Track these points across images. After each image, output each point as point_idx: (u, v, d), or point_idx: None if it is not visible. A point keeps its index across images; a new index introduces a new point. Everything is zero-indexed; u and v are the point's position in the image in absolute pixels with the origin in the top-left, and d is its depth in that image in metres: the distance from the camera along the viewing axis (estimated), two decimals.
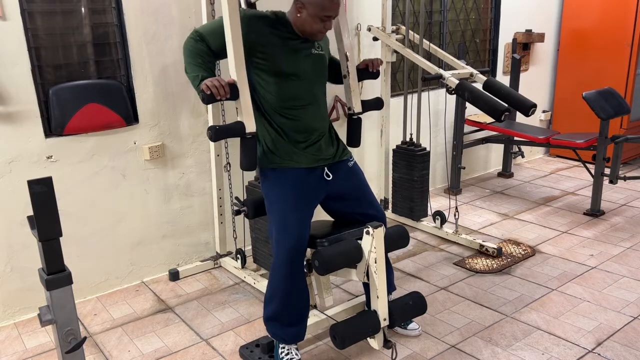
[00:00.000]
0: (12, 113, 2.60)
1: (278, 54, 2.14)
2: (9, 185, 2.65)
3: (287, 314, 2.23)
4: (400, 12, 4.04)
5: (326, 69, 2.35)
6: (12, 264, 2.73)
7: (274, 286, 2.22)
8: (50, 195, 1.41)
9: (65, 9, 2.71)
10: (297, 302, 2.23)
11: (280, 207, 2.18)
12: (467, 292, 2.93)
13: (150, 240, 3.16)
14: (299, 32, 2.19)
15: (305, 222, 2.18)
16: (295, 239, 2.13)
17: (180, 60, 3.02)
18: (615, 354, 2.35)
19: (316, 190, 2.26)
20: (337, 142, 2.37)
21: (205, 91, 1.99)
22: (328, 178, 2.27)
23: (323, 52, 2.31)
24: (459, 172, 4.44)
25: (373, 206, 2.36)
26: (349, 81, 2.45)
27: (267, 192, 2.24)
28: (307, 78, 2.22)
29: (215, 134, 2.02)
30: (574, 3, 5.05)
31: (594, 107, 3.76)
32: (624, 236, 3.57)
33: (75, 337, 1.52)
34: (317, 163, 2.25)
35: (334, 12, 2.12)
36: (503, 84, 2.97)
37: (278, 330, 2.26)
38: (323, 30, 2.16)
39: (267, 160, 2.21)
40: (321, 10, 2.09)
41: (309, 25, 2.13)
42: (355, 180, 2.36)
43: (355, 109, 2.48)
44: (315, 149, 2.25)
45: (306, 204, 2.20)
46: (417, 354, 2.40)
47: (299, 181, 2.20)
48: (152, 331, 2.67)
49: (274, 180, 2.22)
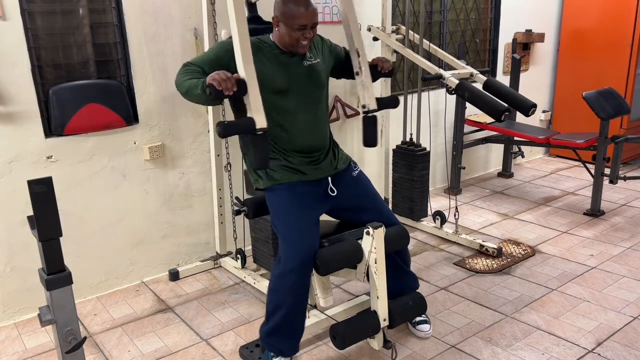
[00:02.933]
0: (12, 113, 2.60)
1: (269, 72, 2.15)
2: (9, 185, 2.65)
3: (291, 326, 2.19)
4: (400, 12, 4.04)
5: (325, 78, 2.32)
6: (12, 264, 2.73)
7: (281, 297, 2.14)
8: (50, 195, 1.41)
9: (65, 9, 2.71)
10: (300, 313, 2.20)
11: (285, 220, 2.16)
12: (467, 292, 2.93)
13: (150, 240, 3.16)
14: (282, 47, 2.20)
15: (312, 232, 2.13)
16: (304, 250, 2.08)
17: (180, 60, 3.03)
18: (615, 354, 2.35)
19: (321, 202, 2.25)
20: (337, 153, 2.37)
21: (214, 86, 1.89)
22: (333, 194, 2.27)
23: (319, 60, 2.29)
24: (459, 172, 4.44)
25: (382, 213, 2.31)
26: (362, 78, 2.36)
27: (272, 205, 2.23)
28: (303, 92, 2.21)
29: (224, 130, 1.94)
30: (574, 3, 5.05)
31: (594, 107, 3.76)
32: (624, 236, 3.57)
33: (75, 337, 1.52)
34: (319, 176, 2.25)
35: (307, 21, 2.10)
36: (503, 84, 2.97)
37: (281, 344, 2.20)
38: (302, 39, 2.13)
39: (269, 178, 2.22)
40: (293, 20, 2.09)
41: (287, 36, 2.14)
42: (360, 189, 2.34)
43: (370, 106, 2.35)
44: (316, 163, 2.25)
45: (311, 214, 2.17)
46: (417, 354, 2.40)
47: (302, 193, 2.20)
48: (152, 331, 2.67)
49: (278, 192, 2.21)
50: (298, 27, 2.10)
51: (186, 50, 3.05)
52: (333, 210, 2.32)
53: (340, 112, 3.79)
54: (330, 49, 2.42)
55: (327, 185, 2.28)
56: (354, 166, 2.40)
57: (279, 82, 2.17)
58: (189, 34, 3.04)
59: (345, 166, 2.37)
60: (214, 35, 2.92)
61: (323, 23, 3.58)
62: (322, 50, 2.35)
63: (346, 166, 2.37)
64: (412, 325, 2.54)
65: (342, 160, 2.37)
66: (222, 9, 2.76)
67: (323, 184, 2.27)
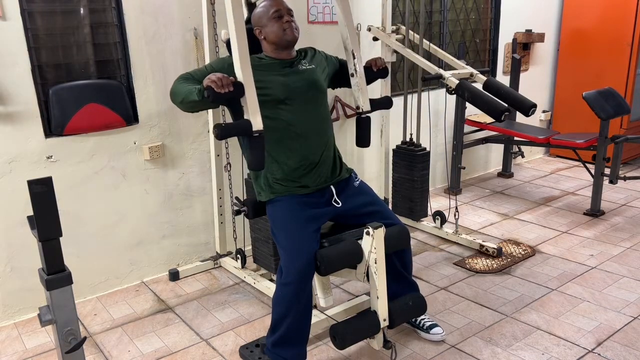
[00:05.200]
0: (12, 113, 2.60)
1: (267, 81, 2.15)
2: (9, 185, 2.65)
3: (297, 334, 2.17)
4: (400, 12, 4.04)
5: (322, 81, 2.33)
6: (12, 264, 2.73)
7: (286, 307, 2.13)
8: (50, 195, 1.41)
9: (65, 9, 2.71)
10: (306, 320, 2.19)
11: (285, 231, 2.16)
12: (467, 292, 2.93)
13: (150, 240, 3.16)
14: (276, 49, 2.23)
15: (313, 243, 2.13)
16: (304, 261, 2.08)
17: (180, 61, 3.04)
18: (615, 354, 2.35)
19: (323, 211, 2.24)
20: (340, 163, 2.37)
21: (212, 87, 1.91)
22: (337, 205, 2.27)
23: (314, 66, 2.30)
24: (459, 172, 4.44)
25: (389, 219, 2.30)
26: (357, 80, 2.41)
27: (272, 217, 2.24)
28: (302, 96, 2.21)
29: (221, 132, 1.95)
30: (574, 3, 5.05)
31: (594, 107, 3.76)
32: (624, 236, 3.57)
33: (75, 337, 1.52)
34: (321, 186, 2.25)
35: (279, 6, 2.20)
36: (503, 84, 2.97)
37: (288, 353, 2.19)
38: (285, 26, 2.18)
39: (272, 191, 2.22)
40: (268, 14, 2.19)
41: (272, 33, 2.19)
42: (363, 198, 2.33)
43: (364, 107, 2.43)
44: (318, 174, 2.24)
45: (311, 226, 2.16)
46: (417, 354, 2.40)
47: (304, 203, 2.20)
48: (152, 331, 2.67)
49: (279, 205, 2.21)
50: (275, 17, 2.18)
51: (186, 50, 3.05)
52: (336, 218, 2.32)
53: (340, 112, 3.79)
54: (325, 57, 2.44)
55: (330, 195, 2.28)
56: (355, 176, 2.41)
57: (279, 90, 2.17)
58: (189, 34, 3.04)
59: (347, 175, 2.37)
60: (214, 35, 2.92)
61: (323, 23, 3.59)
62: (316, 59, 2.36)
63: (348, 175, 2.37)
64: (424, 330, 2.50)
65: (344, 170, 2.37)
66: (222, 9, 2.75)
67: (326, 193, 2.27)
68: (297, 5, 3.38)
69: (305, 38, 3.39)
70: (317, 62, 2.34)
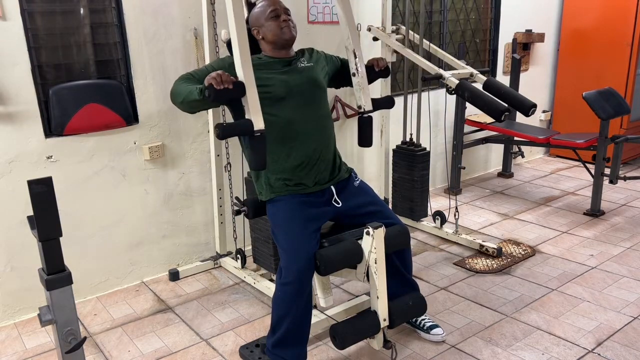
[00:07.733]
0: (12, 113, 2.60)
1: (267, 78, 2.16)
2: (9, 185, 2.65)
3: (297, 335, 2.17)
4: (400, 12, 4.04)
5: (322, 79, 2.33)
6: (12, 264, 2.73)
7: (286, 308, 2.13)
8: (50, 195, 1.41)
9: (65, 9, 2.71)
10: (306, 321, 2.19)
11: (285, 231, 2.16)
12: (467, 292, 2.93)
13: (150, 240, 3.16)
14: (274, 48, 2.24)
15: (312, 243, 2.13)
16: (303, 261, 2.08)
17: (180, 61, 3.03)
18: (615, 354, 2.35)
19: (323, 211, 2.24)
20: (340, 163, 2.37)
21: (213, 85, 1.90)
22: (338, 205, 2.27)
23: (312, 64, 2.30)
24: (459, 172, 4.44)
25: (389, 219, 2.30)
26: (358, 79, 2.41)
27: (272, 217, 2.24)
28: (302, 93, 2.21)
29: (222, 132, 1.95)
30: (574, 3, 5.05)
31: (594, 107, 3.76)
32: (624, 236, 3.57)
33: (75, 337, 1.52)
34: (322, 187, 2.25)
35: (275, 6, 2.20)
36: (503, 84, 2.97)
37: (288, 354, 2.19)
38: (283, 25, 2.19)
39: (272, 191, 2.22)
40: (264, 14, 2.20)
41: (270, 32, 2.20)
42: (363, 198, 2.33)
43: (366, 107, 2.43)
44: (317, 172, 2.24)
45: (311, 225, 2.16)
46: (417, 354, 2.40)
47: (304, 203, 2.19)
48: (152, 331, 2.67)
49: (279, 204, 2.21)
50: (272, 17, 2.19)
51: (186, 50, 3.05)
52: (336, 218, 2.33)
53: (340, 112, 3.79)
54: (325, 56, 2.45)
55: (330, 194, 2.28)
56: (355, 176, 2.41)
57: (279, 87, 2.17)
58: (189, 34, 3.04)
59: (347, 175, 2.37)
60: (214, 35, 2.92)
61: (323, 23, 3.59)
62: (315, 58, 2.37)
63: (348, 175, 2.37)
64: (425, 331, 2.50)
65: (344, 170, 2.37)
66: (222, 9, 2.76)
67: (326, 193, 2.27)
68: (297, 5, 3.38)
69: (305, 38, 3.40)
70: (316, 60, 2.35)
